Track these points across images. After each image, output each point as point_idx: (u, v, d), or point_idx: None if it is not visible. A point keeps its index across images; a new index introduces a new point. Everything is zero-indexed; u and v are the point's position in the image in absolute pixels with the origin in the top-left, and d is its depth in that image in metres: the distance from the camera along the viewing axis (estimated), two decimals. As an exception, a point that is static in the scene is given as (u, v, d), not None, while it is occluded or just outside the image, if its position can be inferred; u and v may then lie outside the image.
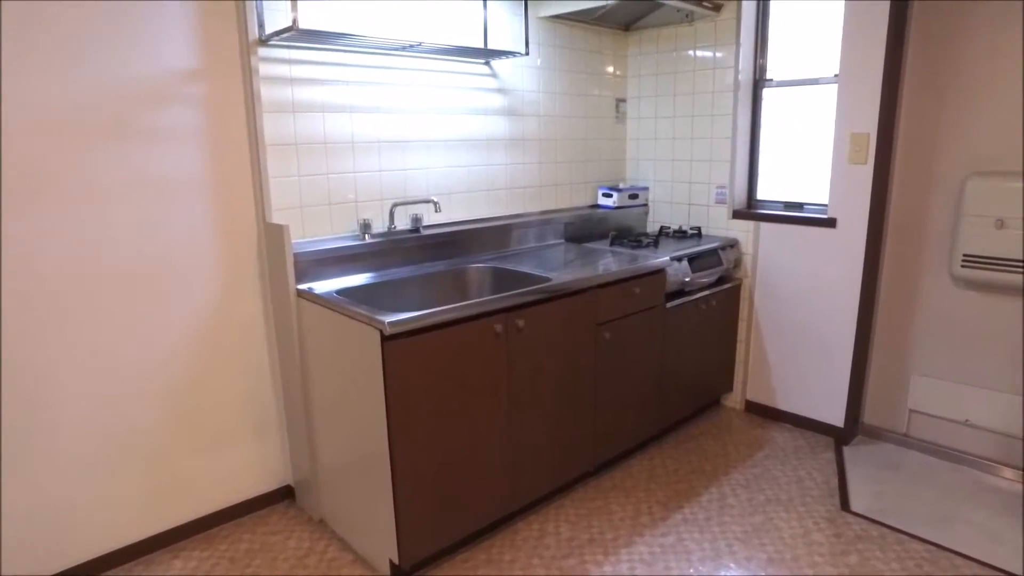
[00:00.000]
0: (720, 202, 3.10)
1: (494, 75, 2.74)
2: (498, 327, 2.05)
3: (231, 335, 2.24)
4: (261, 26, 2.08)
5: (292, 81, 2.19)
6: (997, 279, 2.49)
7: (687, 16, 3.00)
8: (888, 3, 2.52)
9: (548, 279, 2.27)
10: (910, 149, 2.70)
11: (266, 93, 2.13)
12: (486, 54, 2.61)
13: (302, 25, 2.14)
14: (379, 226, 2.46)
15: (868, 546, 2.22)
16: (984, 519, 2.35)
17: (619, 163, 3.39)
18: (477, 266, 2.55)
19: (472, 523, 2.13)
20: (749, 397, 3.22)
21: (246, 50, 2.08)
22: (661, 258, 2.61)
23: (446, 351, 1.93)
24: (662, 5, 2.80)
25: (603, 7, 2.76)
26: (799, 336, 2.99)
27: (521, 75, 2.84)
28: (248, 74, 2.09)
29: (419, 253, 2.53)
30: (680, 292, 2.77)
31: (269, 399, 2.37)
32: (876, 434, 2.98)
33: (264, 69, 2.12)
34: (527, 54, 2.68)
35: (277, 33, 2.03)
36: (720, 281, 3.00)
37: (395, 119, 2.45)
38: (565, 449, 2.38)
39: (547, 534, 2.30)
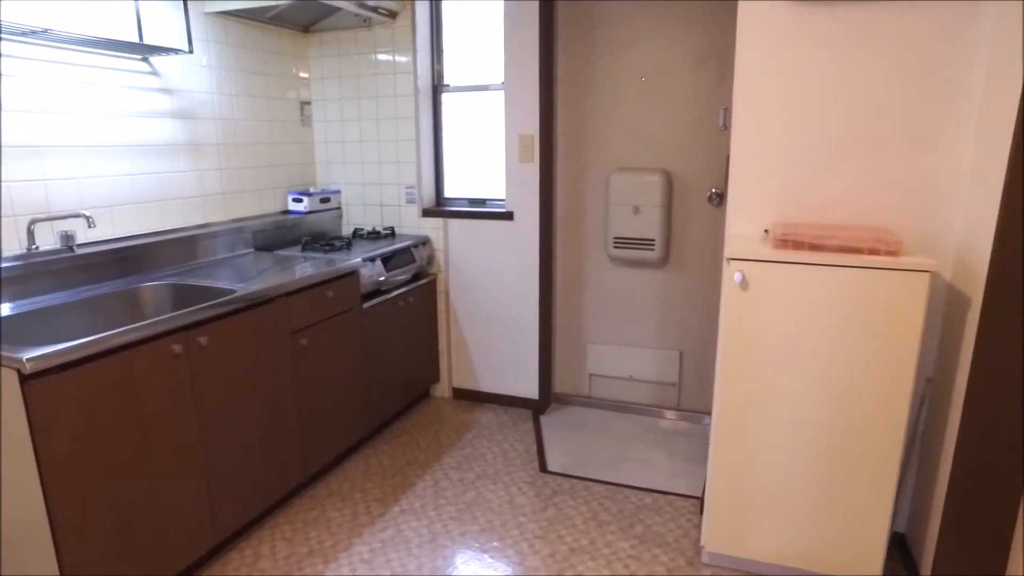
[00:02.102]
0: (410, 202, 3.22)
1: (156, 74, 2.47)
2: (176, 348, 1.86)
3: None
4: None
5: None
6: (637, 256, 2.99)
7: (365, 21, 3.05)
8: (537, 22, 2.86)
9: (233, 291, 2.13)
10: (568, 148, 3.10)
11: None
12: (142, 49, 2.34)
13: None
14: (15, 247, 2.06)
15: (563, 498, 2.50)
16: (644, 455, 2.81)
17: (309, 167, 3.32)
18: (153, 284, 2.29)
19: (169, 568, 1.90)
20: (456, 384, 3.40)
21: None
22: (354, 259, 2.62)
23: (113, 383, 1.69)
24: (338, 8, 2.80)
25: (275, 6, 2.67)
26: (493, 322, 3.24)
27: (192, 75, 2.60)
28: None
29: (77, 275, 2.18)
30: (377, 291, 2.81)
31: None
32: (566, 400, 3.37)
33: None
34: (191, 52, 2.47)
35: None
36: (416, 278, 3.11)
37: (25, 120, 2.06)
38: (272, 465, 2.26)
39: (262, 557, 2.17)
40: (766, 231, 2.01)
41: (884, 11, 1.80)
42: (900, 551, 2.13)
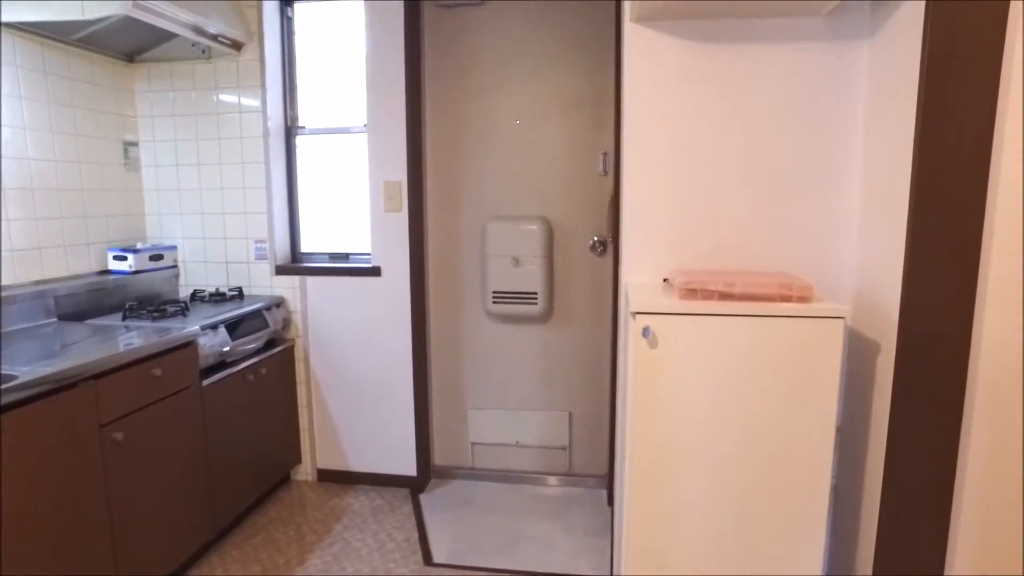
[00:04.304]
0: (261, 258, 2.81)
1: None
2: (-80, 459, 1.35)
3: None
4: None
5: None
6: (519, 311, 2.76)
7: (203, 52, 2.66)
8: (403, 61, 2.63)
9: (14, 376, 1.63)
10: (439, 196, 2.85)
11: None
12: None
13: None
14: None
15: (450, 597, 2.14)
16: (540, 532, 2.53)
17: (137, 219, 2.82)
18: (-100, 370, 1.72)
19: None
20: (321, 465, 2.96)
21: None
22: (191, 327, 2.17)
23: None
24: (173, 36, 2.41)
25: (82, 25, 2.23)
26: (362, 391, 2.86)
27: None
28: None
29: None
30: (221, 364, 2.36)
31: None
32: (448, 474, 3.02)
33: None
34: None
35: None
36: (269, 345, 2.68)
37: None
38: (71, 603, 1.73)
39: None
40: (665, 280, 1.85)
41: (763, 52, 1.74)
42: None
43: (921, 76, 1.42)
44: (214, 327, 2.31)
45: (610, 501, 2.74)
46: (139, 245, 2.71)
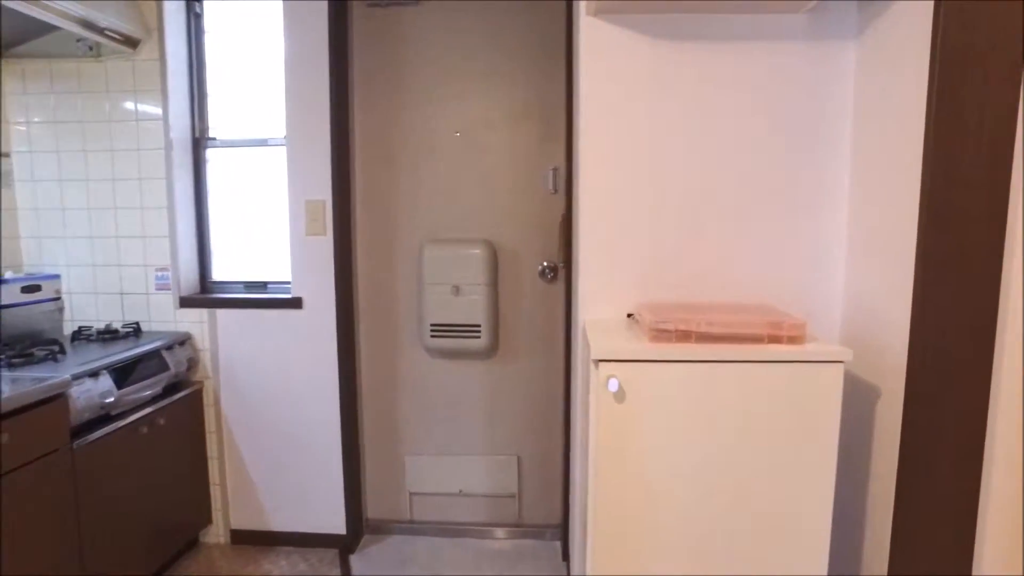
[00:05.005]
0: (163, 288, 2.43)
1: None
2: None
3: None
4: None
5: None
6: (460, 345, 2.46)
7: (91, 48, 2.29)
8: (327, 66, 2.32)
9: None
10: (370, 217, 2.54)
11: None
12: None
13: None
14: None
15: None
16: (488, 601, 2.22)
17: (10, 243, 2.40)
18: None
19: None
20: (235, 526, 2.57)
21: None
22: (61, 375, 1.79)
23: None
24: (53, 28, 2.04)
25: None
26: (282, 439, 2.50)
27: None
28: None
29: None
30: (105, 419, 1.97)
31: None
32: (383, 529, 2.68)
33: None
34: None
35: None
36: (171, 390, 2.29)
37: None
38: None
39: None
40: (630, 315, 1.59)
41: (740, 52, 1.51)
42: None
43: (931, 83, 1.20)
44: (94, 373, 1.92)
45: (565, 555, 2.45)
46: (8, 274, 2.29)
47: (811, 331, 1.36)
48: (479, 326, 2.44)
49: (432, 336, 2.46)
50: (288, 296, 2.44)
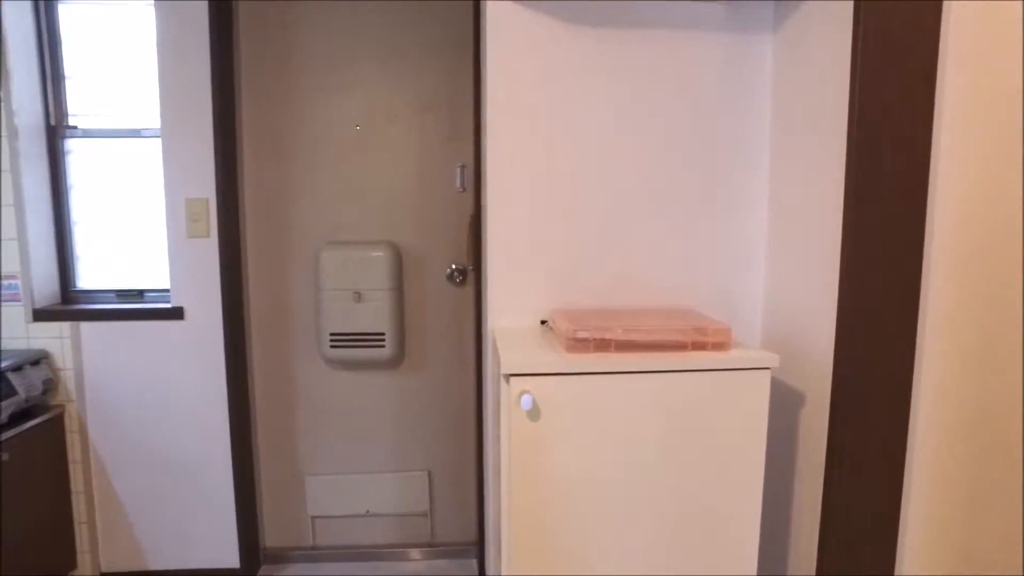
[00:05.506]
0: (12, 299, 2.10)
1: None
2: None
3: None
4: None
5: None
6: (363, 356, 2.27)
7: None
8: (207, 46, 2.08)
9: None
10: (261, 217, 2.30)
11: None
12: None
13: None
14: None
15: None
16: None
17: None
18: None
19: None
20: (106, 568, 2.27)
21: None
22: None
23: None
24: None
25: None
26: (164, 467, 2.23)
27: None
28: None
29: None
30: (-71, 457, 1.66)
31: None
32: (283, 558, 2.45)
33: None
34: None
35: None
36: (21, 418, 1.98)
37: None
38: None
39: None
40: (544, 322, 1.47)
41: (661, 40, 1.42)
42: None
43: (853, 82, 1.14)
44: (-85, 404, 1.62)
45: (482, 573, 2.32)
46: None
47: (736, 336, 1.28)
48: (383, 334, 2.26)
49: (332, 346, 2.26)
50: (168, 306, 2.18)
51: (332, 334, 2.25)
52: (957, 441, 1.23)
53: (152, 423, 2.20)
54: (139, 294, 2.29)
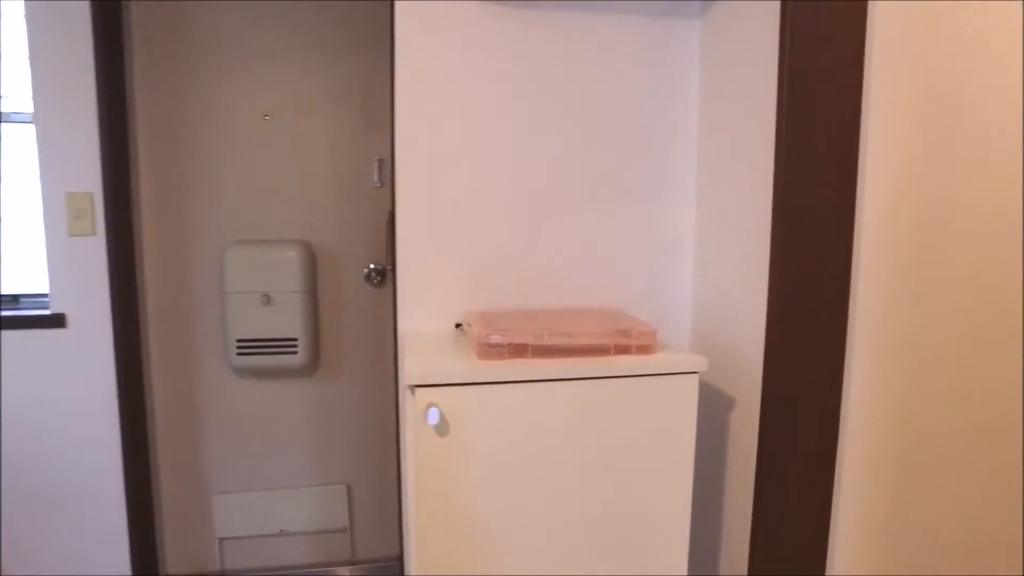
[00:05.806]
0: None
1: None
2: None
3: None
4: None
5: None
6: (274, 363, 2.10)
7: None
8: (89, 22, 1.87)
9: None
10: (158, 213, 2.10)
11: None
12: None
13: None
14: None
15: None
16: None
17: None
18: None
19: None
20: (-21, 607, 2.03)
21: None
22: None
23: None
24: None
25: None
26: (41, 494, 2.00)
27: None
28: None
29: None
30: None
31: None
32: (186, 583, 2.25)
33: None
34: None
35: None
36: None
37: None
38: None
39: None
40: (459, 326, 1.35)
41: (585, 23, 1.33)
42: None
43: (781, 75, 1.08)
44: None
45: (404, 592, 2.18)
46: None
47: (662, 338, 1.20)
48: (295, 340, 2.09)
49: (239, 353, 2.08)
50: (47, 312, 1.95)
51: (239, 340, 2.07)
52: (886, 440, 1.19)
53: (27, 444, 1.97)
54: (14, 299, 2.05)
